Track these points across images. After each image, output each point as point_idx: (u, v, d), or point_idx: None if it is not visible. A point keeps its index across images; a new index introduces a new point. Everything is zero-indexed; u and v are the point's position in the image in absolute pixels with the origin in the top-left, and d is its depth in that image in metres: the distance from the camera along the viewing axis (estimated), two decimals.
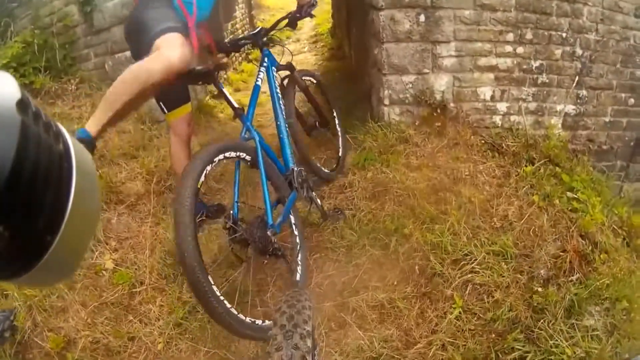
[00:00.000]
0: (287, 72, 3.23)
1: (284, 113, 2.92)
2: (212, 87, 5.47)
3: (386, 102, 3.74)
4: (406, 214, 2.86)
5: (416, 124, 3.69)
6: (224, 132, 4.83)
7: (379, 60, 3.72)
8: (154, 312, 2.68)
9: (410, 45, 3.57)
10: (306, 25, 10.89)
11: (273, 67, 3.03)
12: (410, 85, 3.65)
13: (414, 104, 3.71)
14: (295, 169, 2.71)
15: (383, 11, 3.53)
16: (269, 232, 2.23)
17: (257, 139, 2.47)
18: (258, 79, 2.84)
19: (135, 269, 2.92)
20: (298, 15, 3.07)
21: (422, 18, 3.49)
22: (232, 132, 4.52)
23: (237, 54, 7.48)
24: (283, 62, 3.19)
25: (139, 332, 2.57)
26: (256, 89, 2.77)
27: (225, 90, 2.64)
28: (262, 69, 2.94)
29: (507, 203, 2.79)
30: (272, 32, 3.04)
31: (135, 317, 2.67)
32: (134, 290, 2.81)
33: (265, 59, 2.97)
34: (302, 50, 10.16)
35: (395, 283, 2.51)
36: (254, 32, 3.04)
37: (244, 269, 2.45)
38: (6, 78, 0.44)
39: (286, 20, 3.05)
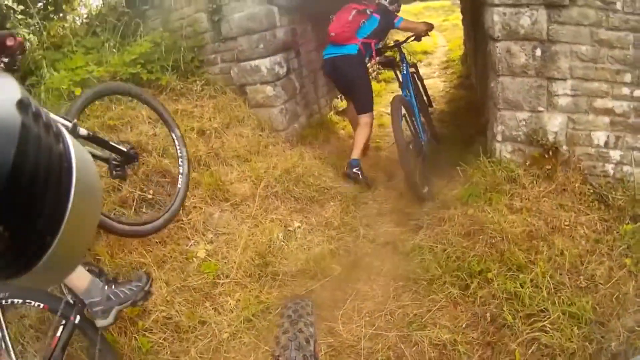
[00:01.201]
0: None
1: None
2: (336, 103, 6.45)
3: (499, 138, 3.76)
4: (494, 258, 2.91)
5: (527, 164, 3.66)
6: (340, 149, 5.20)
7: (494, 93, 3.74)
8: (230, 304, 3.01)
9: (525, 80, 3.54)
10: (439, 50, 10.91)
11: (406, 62, 5.06)
12: (524, 123, 3.62)
13: (526, 143, 3.67)
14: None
15: (499, 42, 3.56)
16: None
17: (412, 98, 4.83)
18: (404, 69, 4.95)
19: (225, 262, 3.28)
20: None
21: (538, 52, 3.44)
22: (348, 149, 4.86)
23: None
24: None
25: (211, 318, 2.89)
26: (406, 75, 4.91)
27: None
28: (403, 64, 4.99)
29: (598, 262, 2.72)
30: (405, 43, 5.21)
31: (211, 305, 3.01)
32: (217, 281, 3.16)
33: (403, 58, 5.08)
34: (432, 75, 10.26)
35: (463, 326, 2.59)
36: (397, 42, 5.21)
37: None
38: (7, 79, 0.46)
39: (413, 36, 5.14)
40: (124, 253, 3.05)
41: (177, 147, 3.50)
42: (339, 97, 6.75)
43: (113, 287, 2.48)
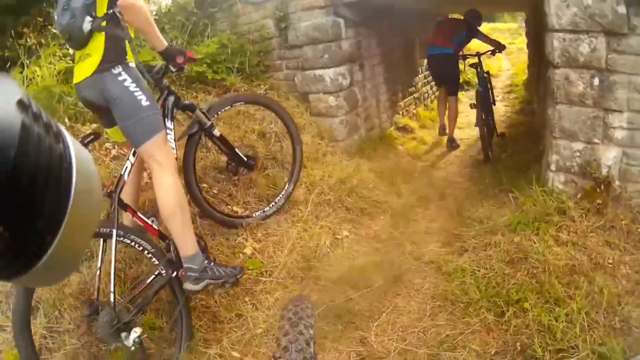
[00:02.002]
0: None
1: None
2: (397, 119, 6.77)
3: (553, 167, 3.78)
4: (533, 288, 2.96)
5: (578, 196, 3.67)
6: (397, 164, 5.37)
7: (551, 121, 3.76)
8: (269, 301, 3.22)
9: (582, 109, 3.52)
10: (503, 74, 10.93)
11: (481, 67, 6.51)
12: (578, 154, 3.62)
13: (579, 175, 3.66)
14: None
15: (558, 69, 3.56)
16: None
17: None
18: (481, 72, 6.51)
19: (270, 261, 3.51)
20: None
21: (596, 81, 3.41)
22: (407, 165, 5.17)
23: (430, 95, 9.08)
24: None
25: (248, 313, 3.10)
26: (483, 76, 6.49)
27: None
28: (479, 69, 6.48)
29: (635, 304, 2.73)
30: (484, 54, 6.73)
31: (250, 300, 3.23)
32: (260, 278, 3.40)
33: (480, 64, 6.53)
34: (495, 98, 10.20)
35: (492, 352, 2.66)
36: (478, 52, 6.66)
37: None
38: (7, 78, 0.46)
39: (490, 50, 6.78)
40: None
41: (296, 158, 3.98)
42: (400, 112, 7.10)
43: (212, 264, 2.88)
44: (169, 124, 3.08)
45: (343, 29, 5.14)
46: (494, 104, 6.87)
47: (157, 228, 2.93)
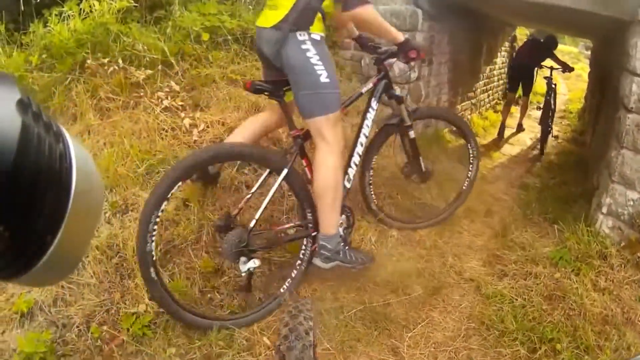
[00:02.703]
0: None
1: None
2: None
3: (604, 210, 3.86)
4: (567, 330, 3.08)
5: (621, 245, 3.77)
6: (446, 169, 5.42)
7: (612, 164, 3.81)
8: (306, 291, 3.36)
9: None
10: (559, 98, 10.83)
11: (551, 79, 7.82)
12: (632, 203, 3.70)
13: (628, 225, 3.75)
14: None
15: (632, 114, 3.59)
16: None
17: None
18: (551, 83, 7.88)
19: None
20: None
21: None
22: (455, 172, 5.15)
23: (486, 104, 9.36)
24: None
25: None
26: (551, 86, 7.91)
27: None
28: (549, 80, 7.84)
29: None
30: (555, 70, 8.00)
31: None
32: None
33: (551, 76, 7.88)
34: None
35: None
36: (551, 67, 8.01)
37: None
38: (6, 78, 0.46)
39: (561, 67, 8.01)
40: None
41: (471, 157, 4.26)
42: None
43: (346, 247, 3.12)
44: (374, 104, 3.40)
45: (420, 20, 5.18)
46: (555, 111, 8.23)
47: None
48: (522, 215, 4.82)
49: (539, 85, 9.34)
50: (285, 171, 2.81)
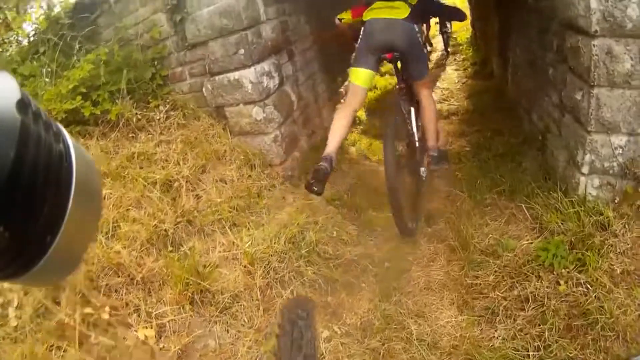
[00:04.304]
0: None
1: None
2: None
3: (584, 170, 2.88)
4: None
5: (615, 201, 2.85)
6: (356, 179, 4.45)
7: (581, 109, 2.84)
8: None
9: (627, 93, 2.59)
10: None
11: None
12: (620, 151, 2.73)
13: (619, 177, 2.83)
14: None
15: (597, 40, 2.57)
16: None
17: None
18: None
19: None
20: None
21: None
22: (370, 177, 4.31)
23: None
24: None
25: None
26: None
27: None
28: None
29: None
30: None
31: None
32: None
33: None
34: (441, 62, 9.45)
35: None
36: None
37: None
38: (6, 78, 0.44)
39: None
40: None
41: None
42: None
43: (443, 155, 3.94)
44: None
45: (261, 8, 3.75)
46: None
47: None
48: (471, 203, 3.65)
49: None
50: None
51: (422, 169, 3.82)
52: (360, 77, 3.53)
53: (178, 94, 4.06)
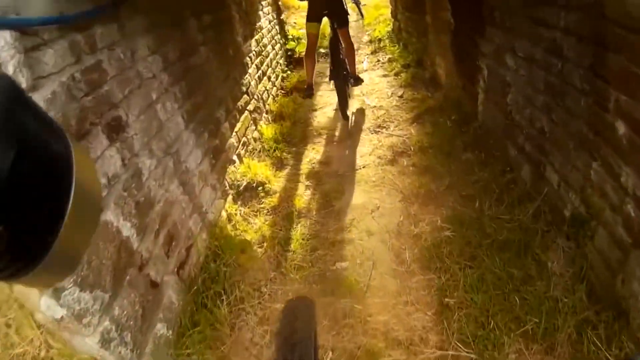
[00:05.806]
0: None
1: None
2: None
3: None
4: None
5: None
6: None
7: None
8: None
9: None
10: (352, 29, 7.50)
11: None
12: None
13: None
14: None
15: None
16: None
17: None
18: None
19: None
20: None
21: None
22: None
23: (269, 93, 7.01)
24: None
25: None
26: None
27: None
28: None
29: None
30: None
31: None
32: None
33: None
34: (362, 69, 7.56)
35: None
36: None
37: None
38: (6, 78, 0.44)
39: None
40: None
41: None
42: (236, 159, 4.45)
43: (357, 79, 6.21)
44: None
45: (8, 44, 1.63)
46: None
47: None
48: (463, 243, 2.83)
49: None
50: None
51: (351, 81, 6.03)
52: (312, 28, 5.74)
53: None
